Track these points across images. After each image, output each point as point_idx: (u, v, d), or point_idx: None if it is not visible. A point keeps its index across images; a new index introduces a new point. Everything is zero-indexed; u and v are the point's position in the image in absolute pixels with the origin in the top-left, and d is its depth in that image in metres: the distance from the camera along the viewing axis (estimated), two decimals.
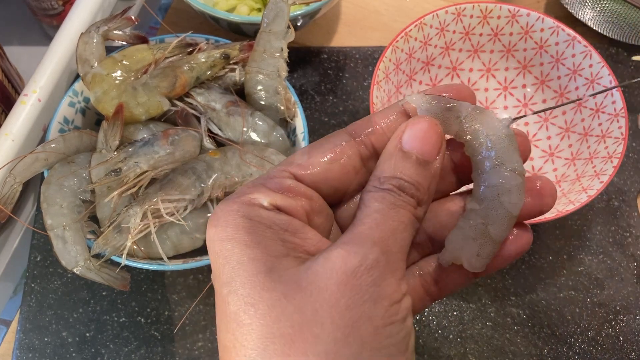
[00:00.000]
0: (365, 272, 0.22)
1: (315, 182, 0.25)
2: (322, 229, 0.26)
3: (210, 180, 0.46)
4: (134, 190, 0.45)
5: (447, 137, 0.26)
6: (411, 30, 0.53)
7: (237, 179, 0.47)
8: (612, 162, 0.49)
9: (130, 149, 0.46)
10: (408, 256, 0.25)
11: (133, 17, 0.51)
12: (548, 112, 0.58)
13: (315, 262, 0.23)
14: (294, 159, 0.26)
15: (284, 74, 0.51)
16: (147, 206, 0.44)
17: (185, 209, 0.45)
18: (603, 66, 0.52)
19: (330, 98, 0.62)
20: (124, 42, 0.52)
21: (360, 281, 0.22)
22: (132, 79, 0.50)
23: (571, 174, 0.53)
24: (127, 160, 0.45)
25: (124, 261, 0.44)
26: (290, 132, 0.52)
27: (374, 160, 0.26)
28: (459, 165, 0.27)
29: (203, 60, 0.51)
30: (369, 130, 0.26)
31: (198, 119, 0.50)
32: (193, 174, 0.45)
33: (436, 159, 0.25)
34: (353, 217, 0.25)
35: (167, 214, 0.44)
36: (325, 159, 0.26)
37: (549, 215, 0.46)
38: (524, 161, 0.26)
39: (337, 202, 0.27)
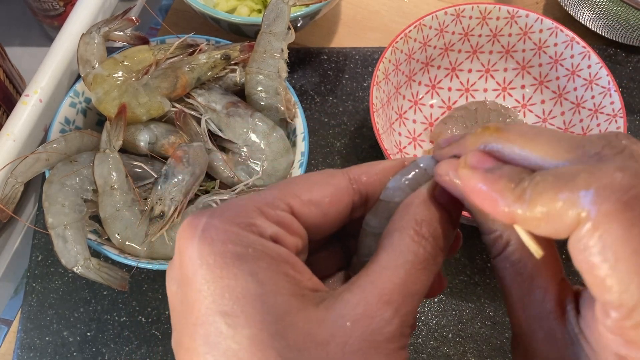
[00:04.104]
0: (388, 340, 0.20)
1: (308, 223, 0.23)
2: None
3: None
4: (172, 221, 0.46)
5: None
6: (411, 31, 0.54)
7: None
8: None
9: (159, 190, 0.46)
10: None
11: (134, 18, 0.51)
12: (547, 112, 0.58)
13: (332, 309, 0.21)
14: (293, 188, 0.24)
15: (284, 74, 0.51)
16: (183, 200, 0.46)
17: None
18: (601, 67, 0.52)
19: (330, 99, 0.62)
20: (124, 43, 0.52)
21: (380, 349, 0.20)
22: (133, 79, 0.50)
23: None
24: (163, 202, 0.46)
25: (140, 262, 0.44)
26: (290, 133, 0.52)
27: (361, 209, 0.25)
28: None
29: (204, 61, 0.51)
30: (367, 180, 0.25)
31: (198, 120, 0.51)
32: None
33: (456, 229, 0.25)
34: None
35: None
36: (325, 201, 0.24)
37: None
38: None
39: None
